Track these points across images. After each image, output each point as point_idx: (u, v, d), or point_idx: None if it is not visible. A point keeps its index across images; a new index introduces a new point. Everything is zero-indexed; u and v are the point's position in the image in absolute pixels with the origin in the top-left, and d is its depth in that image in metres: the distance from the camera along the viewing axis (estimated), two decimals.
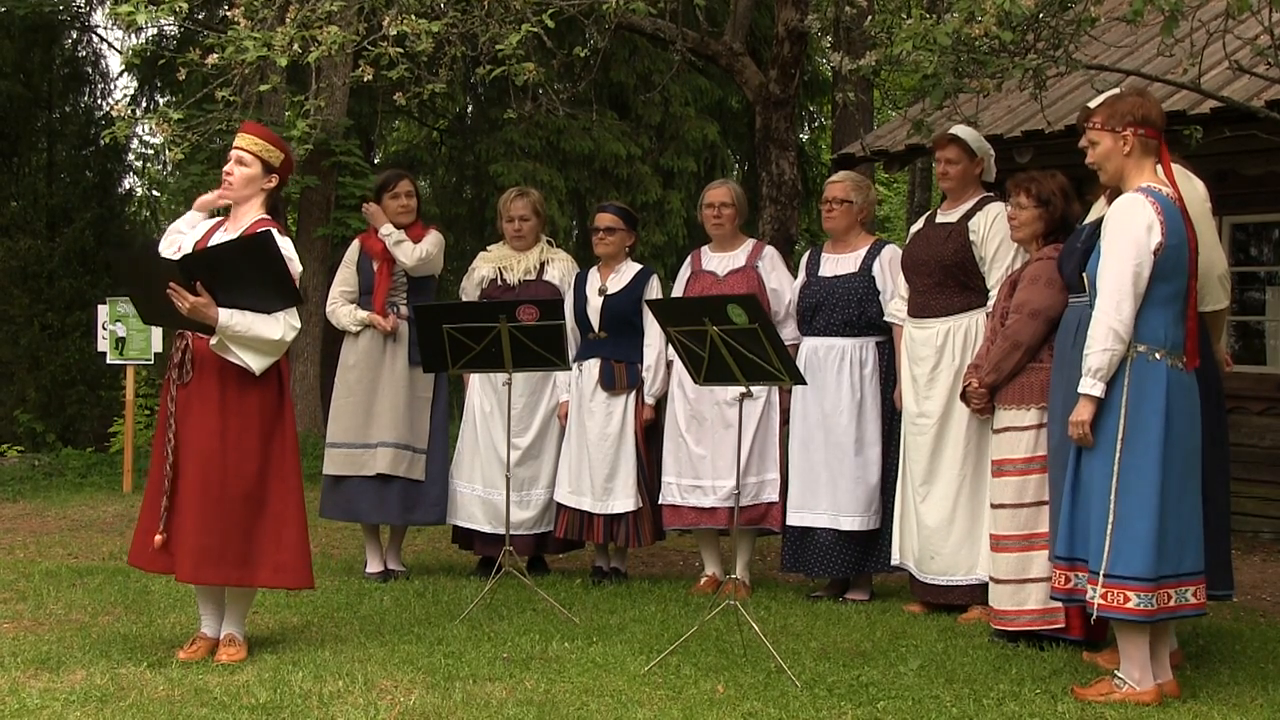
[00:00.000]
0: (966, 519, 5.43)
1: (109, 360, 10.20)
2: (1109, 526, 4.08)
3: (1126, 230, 4.11)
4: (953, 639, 5.04)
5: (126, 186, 17.42)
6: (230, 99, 5.91)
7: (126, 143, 13.20)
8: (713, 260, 6.24)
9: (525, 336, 5.47)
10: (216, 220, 4.82)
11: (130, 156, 16.76)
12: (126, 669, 4.35)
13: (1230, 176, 7.74)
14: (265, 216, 4.70)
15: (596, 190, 14.26)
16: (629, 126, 14.59)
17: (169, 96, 14.71)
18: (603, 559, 6.35)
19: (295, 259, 4.57)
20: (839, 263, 5.95)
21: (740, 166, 17.01)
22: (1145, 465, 4.06)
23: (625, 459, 6.11)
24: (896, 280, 5.78)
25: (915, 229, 5.86)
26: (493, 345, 5.50)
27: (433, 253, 6.30)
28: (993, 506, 5.11)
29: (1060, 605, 4.69)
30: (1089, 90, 6.14)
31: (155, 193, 18.74)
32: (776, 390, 5.98)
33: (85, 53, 16.10)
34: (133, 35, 13.68)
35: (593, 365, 6.18)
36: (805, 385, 5.61)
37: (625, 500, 6.10)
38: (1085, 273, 4.36)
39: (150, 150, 16.97)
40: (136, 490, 9.42)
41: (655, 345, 6.14)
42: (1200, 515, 4.21)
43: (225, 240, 4.63)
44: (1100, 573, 4.08)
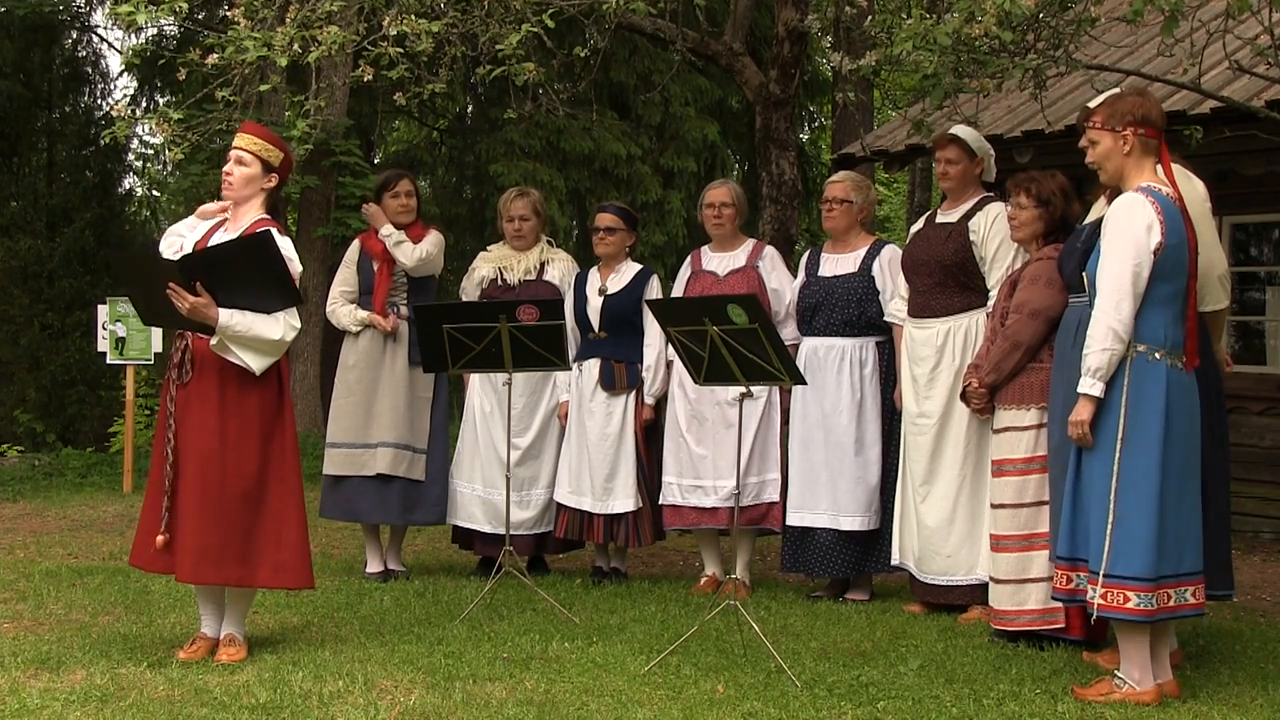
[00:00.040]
0: (966, 519, 5.43)
1: (109, 360, 10.20)
2: (1109, 526, 4.08)
3: (1126, 230, 4.11)
4: (953, 639, 5.04)
5: (126, 186, 17.44)
6: (230, 99, 5.91)
7: (126, 143, 13.19)
8: (713, 260, 6.24)
9: (525, 336, 5.47)
10: (216, 220, 4.82)
11: (130, 156, 16.78)
12: (126, 669, 4.35)
13: (1230, 176, 7.73)
14: (265, 216, 4.70)
15: (596, 190, 14.25)
16: (629, 126, 14.58)
17: (169, 96, 14.70)
18: (603, 559, 6.35)
19: (295, 259, 4.57)
20: (839, 263, 5.95)
21: (740, 166, 17.00)
22: (1145, 465, 4.06)
23: (625, 459, 6.11)
24: (896, 280, 5.78)
25: (915, 229, 5.86)
26: (493, 345, 5.50)
27: (433, 253, 6.30)
28: (993, 506, 5.11)
29: (1060, 605, 4.68)
30: (1089, 90, 6.14)
31: (155, 193, 18.76)
32: (777, 390, 5.98)
33: (85, 53, 16.09)
34: (133, 35, 13.67)
35: (593, 365, 6.18)
36: (805, 385, 5.61)
37: (625, 500, 6.10)
38: (1085, 272, 4.35)
39: (150, 150, 17.00)
40: (136, 490, 9.42)
41: (655, 345, 6.14)
42: (1200, 515, 4.21)
43: (225, 240, 4.63)
44: (1100, 573, 4.08)
